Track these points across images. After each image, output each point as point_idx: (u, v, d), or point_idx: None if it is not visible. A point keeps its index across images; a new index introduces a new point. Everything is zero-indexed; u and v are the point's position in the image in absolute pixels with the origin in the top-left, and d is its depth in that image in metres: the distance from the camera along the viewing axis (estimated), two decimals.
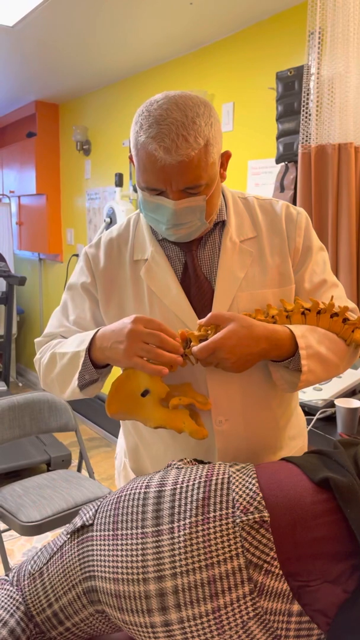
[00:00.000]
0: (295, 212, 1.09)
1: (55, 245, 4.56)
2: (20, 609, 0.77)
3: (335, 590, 0.64)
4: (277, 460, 0.76)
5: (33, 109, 4.39)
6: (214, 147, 0.93)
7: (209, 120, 0.92)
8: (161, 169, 0.90)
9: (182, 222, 0.96)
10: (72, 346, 1.02)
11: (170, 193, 0.93)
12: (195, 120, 0.89)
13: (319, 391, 1.79)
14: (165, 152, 0.88)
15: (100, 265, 1.10)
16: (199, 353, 0.89)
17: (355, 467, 0.70)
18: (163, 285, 1.04)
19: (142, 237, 1.09)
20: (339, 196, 2.07)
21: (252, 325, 0.91)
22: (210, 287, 1.04)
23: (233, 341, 0.88)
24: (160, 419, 0.93)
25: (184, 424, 0.92)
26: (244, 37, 2.69)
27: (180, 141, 0.88)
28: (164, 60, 3.22)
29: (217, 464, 0.75)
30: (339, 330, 1.00)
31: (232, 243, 1.05)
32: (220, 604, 0.63)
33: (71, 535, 0.78)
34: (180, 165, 0.89)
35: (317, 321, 0.99)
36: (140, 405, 0.94)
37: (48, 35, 2.84)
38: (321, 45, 2.04)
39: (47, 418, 2.30)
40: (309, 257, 1.08)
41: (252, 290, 1.03)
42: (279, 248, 1.06)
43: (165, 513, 0.68)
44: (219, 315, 0.92)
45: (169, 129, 0.88)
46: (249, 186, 2.72)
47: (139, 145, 0.92)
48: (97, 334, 0.98)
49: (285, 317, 0.98)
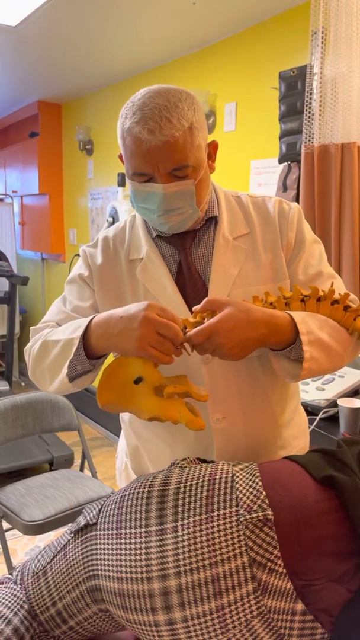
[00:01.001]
0: (287, 207, 1.08)
1: (57, 245, 4.56)
2: (24, 607, 0.77)
3: (339, 589, 0.64)
4: (281, 459, 0.76)
5: (36, 109, 4.39)
6: (199, 131, 0.94)
7: (191, 105, 0.94)
8: (147, 151, 0.91)
9: (173, 207, 0.96)
10: (65, 333, 0.97)
11: (158, 177, 0.93)
12: (178, 105, 0.92)
13: (321, 391, 1.79)
14: (150, 133, 0.90)
15: (98, 262, 1.10)
16: (195, 338, 0.84)
17: (359, 466, 0.70)
18: (158, 284, 1.05)
19: (137, 237, 1.10)
20: (341, 196, 2.07)
21: (249, 309, 0.87)
22: (204, 286, 1.04)
23: (230, 325, 0.83)
24: (155, 409, 0.87)
25: (179, 414, 0.86)
26: (246, 36, 2.69)
27: (163, 122, 0.89)
28: (166, 60, 3.22)
29: (220, 463, 0.75)
30: (340, 318, 0.95)
31: (225, 240, 1.05)
32: (224, 602, 0.63)
33: (75, 534, 0.78)
34: (166, 146, 0.90)
35: (317, 308, 0.94)
36: (133, 395, 0.90)
37: (51, 36, 2.85)
38: (324, 44, 2.03)
39: (49, 417, 2.31)
40: (302, 249, 1.06)
41: (246, 287, 1.02)
42: (271, 244, 1.05)
43: (169, 512, 0.68)
44: (215, 300, 0.88)
45: (152, 113, 0.90)
46: (251, 186, 2.72)
47: (125, 132, 0.94)
48: (95, 320, 0.93)
49: (284, 304, 0.93)
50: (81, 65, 3.38)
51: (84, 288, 1.11)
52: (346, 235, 2.06)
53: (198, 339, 0.84)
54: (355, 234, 2.06)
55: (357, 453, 0.72)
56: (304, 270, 1.05)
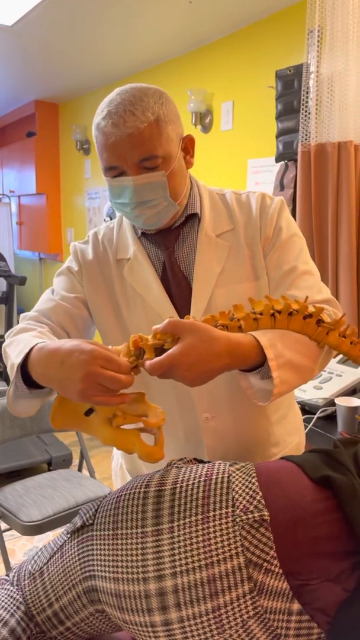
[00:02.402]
0: (270, 200, 1.07)
1: (55, 244, 4.56)
2: (20, 608, 0.77)
3: (335, 589, 0.64)
4: (277, 459, 0.76)
5: (33, 108, 4.39)
6: (167, 124, 0.96)
7: (158, 100, 0.96)
8: (113, 145, 0.93)
9: (145, 199, 0.97)
10: (14, 352, 0.89)
11: (128, 170, 0.95)
12: (143, 99, 0.94)
13: (319, 390, 1.79)
14: (114, 127, 0.92)
15: (88, 258, 1.11)
16: (153, 370, 0.78)
17: (356, 466, 0.70)
18: (145, 284, 1.05)
19: (125, 237, 1.11)
20: (338, 194, 2.07)
21: (212, 339, 0.79)
22: (188, 285, 1.04)
23: (191, 358, 0.77)
24: (109, 439, 0.81)
25: (134, 446, 0.80)
26: (243, 35, 2.69)
27: (127, 116, 0.92)
28: (163, 59, 3.22)
29: (217, 463, 0.75)
30: (312, 332, 0.90)
31: (208, 237, 1.05)
32: (220, 603, 0.63)
33: (71, 535, 0.78)
34: (131, 138, 0.92)
35: (287, 323, 0.89)
36: (86, 423, 0.84)
37: (47, 35, 2.84)
38: (320, 43, 2.03)
39: (48, 417, 2.30)
40: (277, 241, 1.03)
41: (230, 285, 1.02)
42: (251, 239, 1.04)
43: (165, 512, 0.68)
44: (177, 323, 0.80)
45: (117, 108, 0.93)
46: (248, 185, 2.72)
47: (95, 130, 0.97)
48: (34, 354, 0.84)
49: (252, 320, 0.87)
50: (78, 65, 3.37)
51: (72, 281, 1.11)
52: (343, 233, 2.06)
53: (155, 372, 0.78)
54: (352, 232, 2.06)
55: (354, 453, 0.72)
56: (278, 265, 1.02)
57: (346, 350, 0.90)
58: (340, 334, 0.90)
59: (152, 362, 0.78)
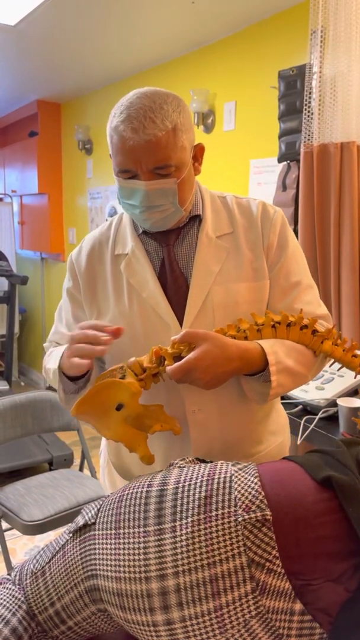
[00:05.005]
0: (272, 210, 1.12)
1: (57, 244, 4.56)
2: (22, 607, 0.77)
3: (337, 589, 0.64)
4: (279, 459, 0.76)
5: (35, 108, 4.39)
6: (183, 133, 0.98)
7: (177, 108, 0.98)
8: (131, 149, 0.95)
9: (154, 204, 1.00)
10: (53, 361, 1.09)
11: (141, 174, 0.97)
12: (163, 106, 0.96)
13: (321, 390, 1.79)
14: (133, 132, 0.94)
15: (82, 266, 1.15)
16: (173, 374, 0.89)
17: (358, 466, 0.70)
18: (142, 279, 1.08)
19: (123, 233, 1.14)
20: (341, 195, 2.07)
21: (224, 345, 0.92)
22: (186, 282, 1.07)
23: (207, 362, 0.89)
24: (122, 435, 0.93)
25: (139, 447, 0.92)
26: (245, 35, 2.69)
27: (147, 122, 0.94)
28: (165, 59, 3.22)
29: (219, 463, 0.75)
30: (308, 341, 1.03)
31: (208, 238, 1.08)
32: (222, 602, 0.63)
33: (73, 534, 0.78)
34: (148, 145, 0.94)
35: (287, 334, 1.02)
36: (107, 416, 0.93)
37: (50, 35, 2.84)
38: (323, 43, 2.03)
39: (49, 417, 2.30)
40: (284, 254, 1.09)
41: (227, 284, 1.06)
42: (253, 244, 1.09)
43: (168, 512, 0.68)
44: (193, 333, 0.92)
45: (137, 113, 0.95)
46: (251, 185, 2.72)
47: (112, 130, 0.98)
48: None
49: (256, 331, 1.00)
50: (80, 65, 3.37)
51: (69, 303, 1.18)
52: (346, 234, 2.06)
53: (176, 375, 0.89)
54: (355, 232, 2.05)
55: (356, 454, 0.72)
56: (286, 276, 1.09)
57: (339, 357, 1.04)
58: (333, 343, 1.03)
59: (173, 367, 0.90)
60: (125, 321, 1.07)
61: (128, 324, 1.06)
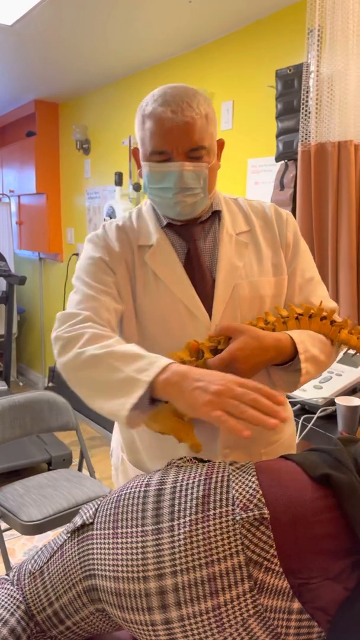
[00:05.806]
0: (284, 213, 1.20)
1: (55, 244, 4.56)
2: (20, 608, 0.77)
3: (335, 587, 0.64)
4: (277, 458, 0.76)
5: (33, 108, 4.38)
6: (212, 122, 1.05)
7: (206, 99, 1.05)
8: (169, 130, 1.00)
9: (188, 186, 1.04)
10: (128, 364, 0.87)
11: (176, 156, 1.02)
12: (196, 95, 1.03)
13: (319, 389, 1.79)
14: (173, 113, 1.00)
15: (116, 249, 1.11)
16: (215, 366, 0.93)
17: (355, 465, 0.70)
18: (169, 270, 1.10)
19: (145, 226, 1.15)
20: (339, 194, 2.07)
21: (260, 336, 0.97)
22: (212, 276, 1.12)
23: (247, 352, 0.94)
24: (170, 427, 0.95)
25: (187, 436, 0.95)
26: (243, 35, 2.68)
27: (185, 105, 1.01)
28: (163, 59, 3.22)
29: (217, 463, 0.75)
30: (328, 331, 1.10)
31: (229, 235, 1.14)
32: (220, 601, 0.63)
33: (71, 534, 0.78)
34: (186, 126, 1.00)
35: (309, 324, 1.09)
36: (156, 410, 0.93)
37: (47, 35, 2.84)
38: (320, 43, 2.03)
39: (47, 417, 2.30)
40: (298, 254, 1.18)
41: (251, 278, 1.12)
42: (271, 242, 1.16)
43: (166, 511, 0.68)
44: (230, 326, 0.98)
45: (174, 98, 1.01)
46: (248, 184, 2.72)
47: (146, 116, 1.03)
48: (170, 366, 0.85)
49: (282, 323, 1.07)
50: (78, 65, 3.37)
51: (106, 270, 1.09)
52: (343, 233, 2.06)
53: (220, 365, 0.93)
54: (352, 231, 2.05)
55: (353, 452, 0.72)
56: (302, 272, 1.18)
57: (355, 344, 1.12)
58: (349, 331, 1.11)
59: (215, 358, 0.94)
60: (157, 313, 1.09)
61: (160, 317, 1.09)
